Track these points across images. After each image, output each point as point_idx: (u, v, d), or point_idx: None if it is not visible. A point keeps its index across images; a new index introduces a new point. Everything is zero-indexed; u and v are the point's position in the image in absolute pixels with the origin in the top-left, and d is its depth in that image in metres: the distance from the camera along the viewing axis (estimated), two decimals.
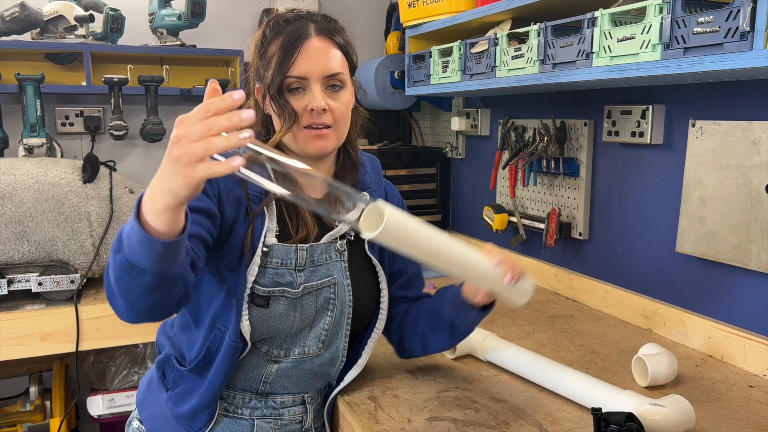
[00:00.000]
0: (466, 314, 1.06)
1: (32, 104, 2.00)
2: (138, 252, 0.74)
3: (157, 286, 0.77)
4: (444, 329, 1.10)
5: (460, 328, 1.09)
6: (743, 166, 1.23)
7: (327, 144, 1.03)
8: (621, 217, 1.59)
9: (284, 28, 1.01)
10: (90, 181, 1.84)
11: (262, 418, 1.08)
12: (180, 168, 0.67)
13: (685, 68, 1.03)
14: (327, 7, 2.50)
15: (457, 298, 1.06)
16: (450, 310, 1.08)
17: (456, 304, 1.07)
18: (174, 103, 2.40)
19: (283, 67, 0.98)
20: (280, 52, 0.99)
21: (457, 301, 1.06)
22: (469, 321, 1.08)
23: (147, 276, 0.75)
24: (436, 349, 1.16)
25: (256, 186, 1.00)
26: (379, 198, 1.13)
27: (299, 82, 0.99)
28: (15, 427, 1.99)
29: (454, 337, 1.11)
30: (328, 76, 1.00)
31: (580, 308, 1.66)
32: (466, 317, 1.07)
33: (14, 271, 1.74)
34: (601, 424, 0.88)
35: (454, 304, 1.07)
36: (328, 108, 1.00)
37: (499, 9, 1.51)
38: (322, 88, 1.00)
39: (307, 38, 0.99)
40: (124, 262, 0.75)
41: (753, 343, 1.23)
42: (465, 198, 2.32)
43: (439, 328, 1.10)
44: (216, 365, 1.01)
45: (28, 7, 1.97)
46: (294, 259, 1.02)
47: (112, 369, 2.06)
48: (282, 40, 1.00)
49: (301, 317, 1.03)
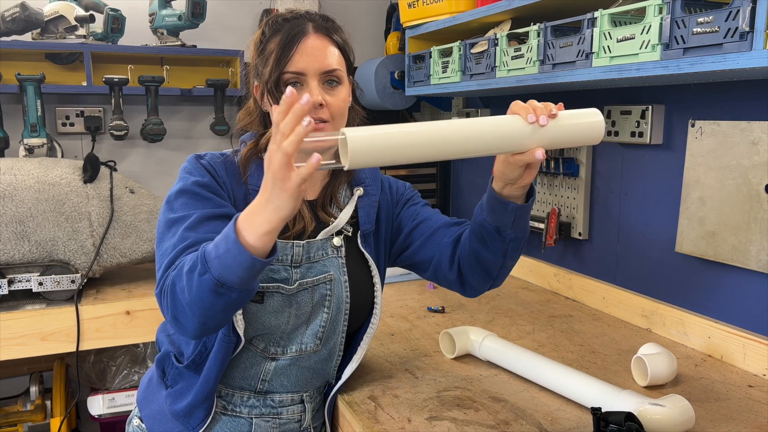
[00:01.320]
0: (503, 211, 0.97)
1: (33, 104, 2.00)
2: (233, 272, 0.80)
3: (241, 302, 0.85)
4: (492, 238, 1.02)
5: (505, 230, 1.00)
6: (743, 166, 1.24)
7: None
8: (621, 217, 1.59)
9: (282, 26, 1.02)
10: (90, 181, 1.84)
11: (260, 416, 1.08)
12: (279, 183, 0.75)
13: (684, 68, 1.03)
14: (327, 7, 2.50)
15: (490, 198, 0.99)
16: (488, 214, 1.00)
17: (491, 206, 0.99)
18: (174, 103, 2.40)
19: (280, 63, 0.99)
20: (278, 48, 1.00)
21: (491, 202, 0.99)
22: (511, 220, 0.98)
23: (235, 293, 0.82)
24: (492, 266, 1.06)
25: (255, 180, 1.02)
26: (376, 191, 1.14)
27: (296, 78, 1.00)
28: (15, 427, 2.00)
29: (505, 244, 1.02)
30: (325, 72, 1.01)
31: (579, 308, 1.66)
32: (503, 215, 0.98)
33: (15, 270, 1.74)
34: (601, 424, 0.88)
35: (489, 208, 1.00)
36: (325, 103, 1.01)
37: (499, 9, 1.52)
38: (319, 84, 1.01)
39: (305, 35, 1.00)
40: (213, 281, 0.81)
41: (752, 343, 1.24)
42: (465, 198, 2.32)
43: (487, 240, 1.02)
44: (210, 360, 1.02)
45: (29, 8, 1.98)
46: (290, 256, 1.02)
47: (112, 369, 2.06)
48: (280, 38, 1.01)
49: (296, 313, 1.03)
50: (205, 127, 2.45)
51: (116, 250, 1.85)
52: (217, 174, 1.03)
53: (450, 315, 1.60)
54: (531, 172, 0.93)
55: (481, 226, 1.02)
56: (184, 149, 2.45)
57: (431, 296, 1.77)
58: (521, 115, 0.88)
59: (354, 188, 1.13)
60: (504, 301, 1.72)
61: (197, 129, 2.47)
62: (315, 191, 1.11)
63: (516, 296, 1.77)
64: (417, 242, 1.15)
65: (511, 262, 1.07)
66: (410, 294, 1.79)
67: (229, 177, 1.04)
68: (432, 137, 0.83)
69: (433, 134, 0.83)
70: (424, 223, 1.15)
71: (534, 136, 0.87)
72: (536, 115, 0.87)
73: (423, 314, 1.61)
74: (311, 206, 1.09)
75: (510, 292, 1.81)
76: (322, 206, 1.09)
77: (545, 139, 0.88)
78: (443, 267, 1.11)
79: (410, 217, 1.17)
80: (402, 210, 1.18)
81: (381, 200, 1.15)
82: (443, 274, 1.12)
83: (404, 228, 1.17)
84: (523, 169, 0.92)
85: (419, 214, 1.17)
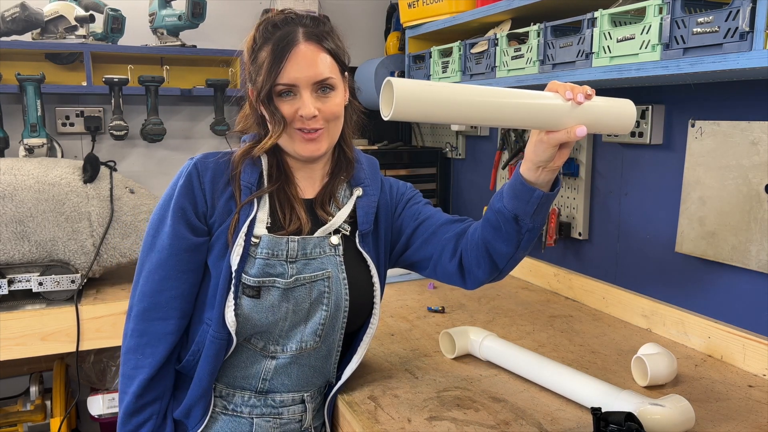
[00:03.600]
0: (527, 198, 0.95)
1: (33, 104, 2.00)
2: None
3: None
4: (508, 227, 0.99)
5: (524, 219, 0.98)
6: (743, 166, 1.24)
7: (319, 147, 1.05)
8: (620, 217, 1.59)
9: (273, 33, 1.02)
10: (90, 181, 1.84)
11: (261, 416, 1.08)
12: None
13: (684, 68, 1.03)
14: (327, 7, 2.50)
15: (516, 183, 0.97)
16: (509, 201, 0.98)
17: (515, 191, 0.97)
18: (174, 103, 2.40)
19: (272, 74, 0.99)
20: (270, 58, 1.00)
21: (517, 187, 0.96)
22: (533, 209, 0.96)
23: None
24: (502, 257, 1.04)
25: (247, 177, 1.04)
26: (375, 191, 1.14)
27: (289, 88, 1.01)
28: (15, 427, 1.99)
29: (521, 234, 0.99)
30: (317, 82, 1.01)
31: (579, 308, 1.66)
32: (527, 203, 0.96)
33: (15, 271, 1.74)
34: (601, 424, 0.88)
35: (513, 193, 0.97)
36: (318, 113, 1.01)
37: (499, 9, 1.52)
38: (312, 93, 1.01)
39: (296, 44, 1.00)
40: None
41: (752, 343, 1.24)
42: (465, 198, 2.32)
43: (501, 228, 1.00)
44: (202, 359, 1.03)
45: (29, 8, 1.98)
46: (285, 251, 1.03)
47: (112, 369, 2.06)
48: (271, 47, 1.01)
49: (294, 309, 1.03)
50: (204, 127, 2.45)
51: (116, 250, 1.85)
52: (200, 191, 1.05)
53: (450, 315, 1.60)
54: (563, 153, 0.92)
55: (499, 213, 1.00)
56: (184, 149, 2.45)
57: (431, 296, 1.77)
58: (559, 92, 0.89)
59: (353, 188, 1.13)
60: (504, 301, 1.72)
61: (197, 129, 2.47)
62: (314, 190, 1.12)
63: (516, 296, 1.77)
64: (419, 241, 1.15)
65: (522, 253, 1.05)
66: (410, 294, 1.79)
67: (216, 180, 1.05)
68: (475, 99, 0.84)
69: (477, 96, 0.84)
70: (426, 222, 1.15)
71: (571, 114, 0.88)
72: (573, 93, 0.88)
73: (423, 314, 1.61)
74: (310, 205, 1.10)
75: (510, 292, 1.81)
76: (320, 205, 1.10)
77: (581, 118, 0.89)
78: (443, 260, 1.11)
79: (412, 217, 1.17)
80: (403, 210, 1.18)
81: (380, 201, 1.15)
82: (443, 268, 1.12)
83: (406, 228, 1.16)
84: (555, 149, 0.91)
85: (421, 213, 1.16)
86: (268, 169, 1.08)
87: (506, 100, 0.86)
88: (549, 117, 0.88)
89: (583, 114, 0.89)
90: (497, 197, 1.02)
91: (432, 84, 0.82)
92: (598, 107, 0.91)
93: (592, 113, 0.90)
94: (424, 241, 1.14)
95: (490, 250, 1.04)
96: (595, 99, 0.91)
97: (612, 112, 0.94)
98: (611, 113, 0.93)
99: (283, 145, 1.07)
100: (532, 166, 0.95)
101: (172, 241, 1.03)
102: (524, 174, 0.96)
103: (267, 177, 1.07)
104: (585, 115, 0.89)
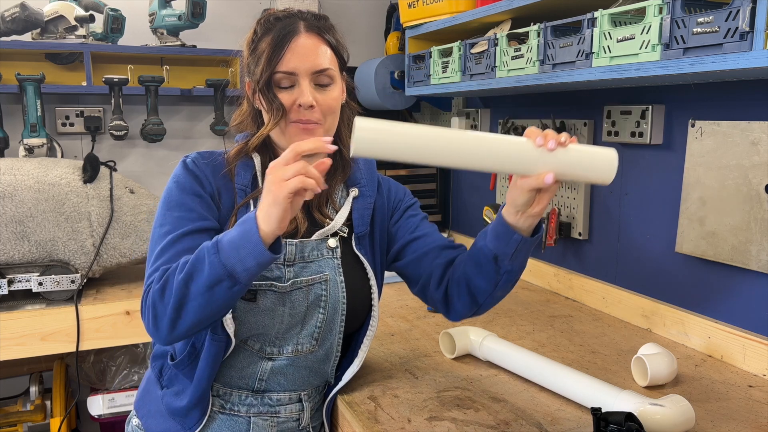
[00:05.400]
0: (507, 239, 0.97)
1: (32, 104, 2.00)
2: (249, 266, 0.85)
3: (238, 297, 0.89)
4: (487, 266, 1.00)
5: (503, 260, 0.99)
6: (743, 166, 1.24)
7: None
8: (621, 217, 1.59)
9: (274, 25, 1.02)
10: (90, 181, 1.84)
11: (258, 415, 1.08)
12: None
13: (684, 68, 1.03)
14: (327, 7, 2.50)
15: (498, 224, 0.98)
16: (491, 240, 0.99)
17: (496, 232, 0.98)
18: (174, 103, 2.40)
19: (272, 62, 0.99)
20: (270, 47, 1.00)
21: (498, 228, 0.98)
22: (512, 251, 0.97)
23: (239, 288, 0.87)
24: (480, 293, 1.05)
25: (242, 179, 1.03)
26: (371, 192, 1.14)
27: (288, 78, 1.00)
28: (15, 427, 2.00)
29: (499, 275, 1.01)
30: (316, 71, 1.01)
31: (579, 308, 1.66)
32: (506, 244, 0.97)
33: (14, 271, 1.74)
34: (601, 424, 0.88)
35: (494, 233, 0.99)
36: (316, 104, 1.01)
37: (499, 9, 1.52)
38: (311, 84, 1.01)
39: (296, 34, 1.00)
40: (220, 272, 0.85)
41: (753, 343, 1.24)
42: (465, 198, 2.32)
43: (482, 266, 1.01)
44: (201, 361, 1.02)
45: (29, 8, 1.98)
46: (282, 254, 1.02)
47: (112, 369, 2.06)
48: (272, 37, 1.01)
49: (290, 313, 1.03)
50: (204, 127, 2.45)
51: (116, 250, 1.85)
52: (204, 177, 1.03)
53: None
54: (542, 199, 0.91)
55: (480, 251, 1.02)
56: (184, 149, 2.45)
57: None
58: (531, 138, 0.88)
59: (349, 189, 1.13)
60: (504, 301, 1.70)
61: (197, 129, 2.47)
62: None
63: (516, 296, 1.77)
64: (410, 257, 1.14)
65: (501, 293, 1.06)
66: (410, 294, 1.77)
67: (215, 177, 1.05)
68: (439, 143, 0.84)
69: (441, 140, 0.84)
70: (420, 240, 1.14)
71: (540, 160, 0.87)
72: (545, 139, 0.87)
73: (423, 314, 1.61)
74: (306, 206, 1.09)
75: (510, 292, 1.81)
76: (317, 207, 1.09)
77: (551, 164, 0.87)
78: (431, 286, 1.12)
79: (408, 229, 1.16)
80: (400, 219, 1.17)
81: (377, 203, 1.15)
82: (430, 294, 1.13)
83: (399, 239, 1.16)
84: (532, 195, 0.91)
85: (418, 228, 1.16)
86: (261, 169, 1.07)
87: (470, 145, 0.85)
88: (517, 162, 0.88)
89: (554, 161, 0.87)
90: (482, 234, 1.04)
91: (396, 127, 0.82)
92: (572, 156, 0.88)
93: (565, 161, 0.88)
94: (416, 259, 1.13)
95: (470, 284, 1.05)
96: (572, 147, 0.88)
97: (587, 160, 0.89)
98: (586, 162, 0.89)
99: (276, 139, 1.05)
100: (512, 209, 0.96)
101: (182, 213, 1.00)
102: (505, 216, 0.98)
103: (261, 177, 1.06)
104: (557, 162, 0.87)
